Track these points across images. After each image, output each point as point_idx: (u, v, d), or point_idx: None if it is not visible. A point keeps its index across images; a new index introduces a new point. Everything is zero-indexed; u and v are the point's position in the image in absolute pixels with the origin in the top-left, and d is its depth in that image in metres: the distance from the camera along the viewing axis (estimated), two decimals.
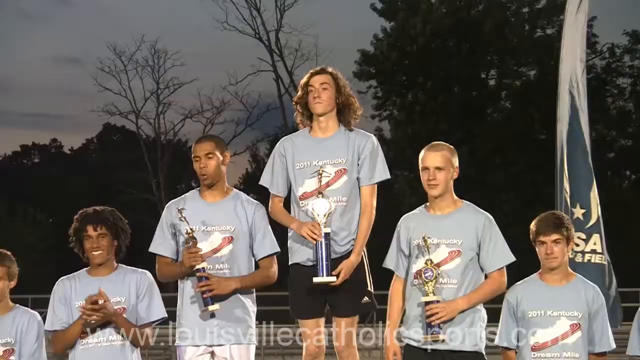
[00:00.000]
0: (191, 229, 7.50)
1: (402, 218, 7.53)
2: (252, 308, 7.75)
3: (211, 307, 7.45)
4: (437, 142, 7.55)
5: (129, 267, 7.62)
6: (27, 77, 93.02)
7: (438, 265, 7.20)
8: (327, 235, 7.44)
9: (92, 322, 7.29)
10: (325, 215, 7.44)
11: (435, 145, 7.49)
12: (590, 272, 11.46)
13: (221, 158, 7.70)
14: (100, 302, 7.21)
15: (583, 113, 12.12)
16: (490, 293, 7.30)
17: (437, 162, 7.36)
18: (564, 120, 12.11)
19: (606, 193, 16.02)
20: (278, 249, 7.73)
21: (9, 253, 7.56)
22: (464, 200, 7.48)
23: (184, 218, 7.56)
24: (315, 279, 7.45)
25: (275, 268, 7.74)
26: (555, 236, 7.21)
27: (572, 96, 12.08)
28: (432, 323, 7.13)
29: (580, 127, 12.07)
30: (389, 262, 7.51)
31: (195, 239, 7.48)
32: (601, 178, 13.13)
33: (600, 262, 11.63)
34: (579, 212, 11.80)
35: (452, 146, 7.52)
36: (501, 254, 7.35)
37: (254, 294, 7.80)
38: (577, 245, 11.66)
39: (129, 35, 78.32)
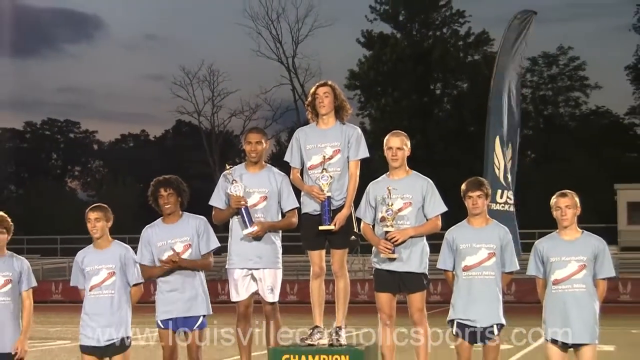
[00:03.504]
0: (235, 180, 7.57)
1: (370, 183, 7.57)
2: (279, 243, 7.79)
3: (250, 229, 7.50)
4: (397, 130, 7.63)
5: (191, 214, 7.64)
6: (125, 88, 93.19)
7: (397, 211, 7.28)
8: (329, 197, 7.46)
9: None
10: (328, 184, 7.47)
11: (396, 132, 7.55)
12: (513, 218, 11.53)
13: (265, 145, 7.79)
14: (181, 256, 7.37)
15: (514, 111, 12.08)
16: (430, 229, 7.40)
17: (398, 143, 7.42)
18: (492, 116, 12.07)
19: None
20: (298, 205, 7.76)
21: (105, 205, 7.52)
22: (412, 170, 7.55)
23: (231, 173, 7.62)
24: (321, 227, 7.44)
25: (296, 217, 7.77)
26: (478, 192, 7.23)
27: (510, 98, 12.00)
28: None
29: (515, 120, 12.03)
30: (359, 212, 7.59)
31: (239, 185, 7.53)
32: None
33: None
34: (510, 177, 11.82)
35: (405, 133, 7.58)
36: (437, 206, 7.43)
37: (281, 234, 7.84)
38: (510, 199, 11.71)
39: (193, 59, 78.23)
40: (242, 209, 7.53)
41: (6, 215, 7.36)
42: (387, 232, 7.28)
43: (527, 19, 12.52)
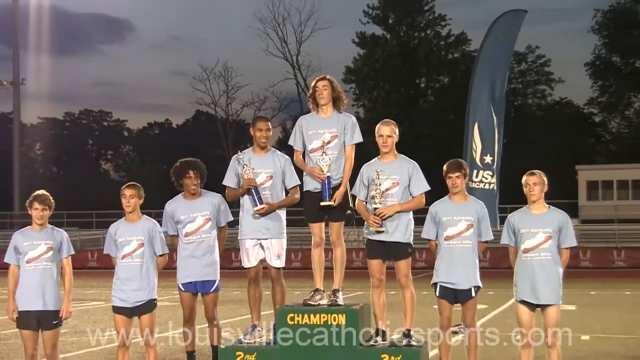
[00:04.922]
0: (245, 164, 7.50)
1: (364, 165, 7.49)
2: (284, 217, 7.74)
3: (260, 206, 7.45)
4: (387, 119, 7.54)
5: (208, 191, 7.63)
6: (153, 82, 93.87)
7: (386, 190, 7.21)
8: (328, 177, 7.40)
9: None
10: (327, 165, 7.42)
11: (386, 121, 7.45)
12: (491, 194, 11.46)
13: (271, 131, 7.77)
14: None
15: (493, 102, 11.94)
16: (414, 206, 7.29)
17: (388, 131, 7.32)
18: (472, 105, 11.92)
19: None
20: (299, 182, 7.70)
21: (139, 184, 7.50)
22: (401, 154, 7.45)
23: (241, 159, 7.55)
24: (322, 203, 7.38)
25: (298, 194, 7.71)
26: (457, 173, 7.19)
27: (492, 89, 11.83)
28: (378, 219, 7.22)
29: (492, 110, 11.90)
30: (354, 190, 7.50)
31: (250, 168, 7.47)
32: None
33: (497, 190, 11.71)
34: (489, 158, 11.71)
35: (395, 122, 7.50)
36: (422, 185, 7.31)
37: (285, 209, 7.79)
38: (486, 178, 11.63)
39: (210, 57, 78.55)
40: (253, 190, 7.49)
41: (48, 194, 7.34)
42: (375, 209, 7.23)
43: (518, 17, 12.29)
